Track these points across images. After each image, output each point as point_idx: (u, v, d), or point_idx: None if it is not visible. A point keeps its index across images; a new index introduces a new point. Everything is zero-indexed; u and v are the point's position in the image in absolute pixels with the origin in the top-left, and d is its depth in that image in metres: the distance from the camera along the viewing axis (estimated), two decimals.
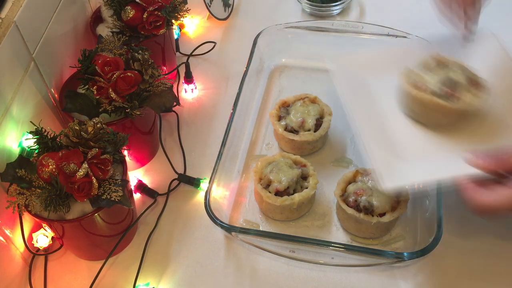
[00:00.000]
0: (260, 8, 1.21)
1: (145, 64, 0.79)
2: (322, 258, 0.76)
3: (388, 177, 0.68)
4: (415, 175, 0.71)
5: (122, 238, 0.76)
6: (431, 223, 0.72)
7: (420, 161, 0.72)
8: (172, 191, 0.87)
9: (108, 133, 0.70)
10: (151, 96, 0.81)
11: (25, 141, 0.73)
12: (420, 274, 0.75)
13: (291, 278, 0.76)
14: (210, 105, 1.01)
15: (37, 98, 0.80)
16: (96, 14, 0.96)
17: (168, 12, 0.90)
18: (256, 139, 0.93)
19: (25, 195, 0.66)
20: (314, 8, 1.15)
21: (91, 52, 0.77)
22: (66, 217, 0.67)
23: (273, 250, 0.76)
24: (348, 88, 0.83)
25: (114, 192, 0.67)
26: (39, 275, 0.77)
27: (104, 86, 0.75)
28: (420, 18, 1.13)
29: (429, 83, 0.74)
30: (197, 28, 1.16)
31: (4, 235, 0.72)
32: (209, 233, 0.81)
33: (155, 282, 0.76)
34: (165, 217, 0.84)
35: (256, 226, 0.81)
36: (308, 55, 1.04)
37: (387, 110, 0.81)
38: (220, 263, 0.78)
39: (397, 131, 0.78)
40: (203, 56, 1.09)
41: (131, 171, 0.90)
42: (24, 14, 0.74)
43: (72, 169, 0.65)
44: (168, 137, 0.95)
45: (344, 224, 0.79)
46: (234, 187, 0.85)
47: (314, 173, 0.80)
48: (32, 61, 0.78)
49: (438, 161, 0.71)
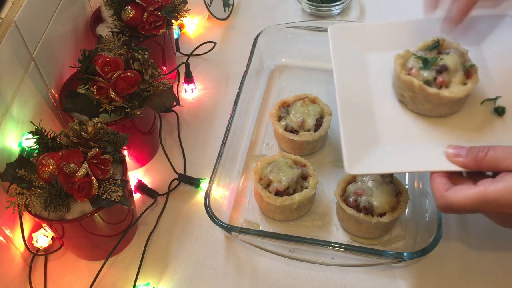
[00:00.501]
0: (260, 8, 1.21)
1: (145, 64, 0.79)
2: (322, 258, 0.76)
3: (356, 162, 0.65)
4: (387, 163, 0.66)
5: (122, 238, 0.76)
6: (431, 223, 0.72)
7: (397, 148, 0.68)
8: (172, 191, 0.87)
9: (108, 133, 0.70)
10: (151, 96, 0.81)
11: (25, 141, 0.73)
12: (420, 274, 0.75)
13: (291, 278, 0.76)
14: (210, 105, 1.01)
15: (37, 98, 0.80)
16: (96, 14, 0.96)
17: (168, 12, 0.90)
18: (256, 139, 0.93)
19: (25, 195, 0.66)
20: (314, 8, 1.15)
21: (91, 52, 0.77)
22: (66, 217, 0.67)
23: (273, 250, 0.76)
24: (342, 57, 0.76)
25: (114, 192, 0.67)
26: (39, 275, 0.77)
27: (104, 86, 0.75)
28: None
29: (422, 69, 0.70)
30: (197, 28, 1.16)
31: (4, 235, 0.72)
32: (209, 233, 0.81)
33: (155, 282, 0.76)
34: (165, 217, 0.84)
35: (256, 226, 0.81)
36: (308, 55, 1.04)
37: (377, 89, 0.75)
38: (220, 263, 0.78)
39: (382, 113, 0.72)
40: (203, 56, 1.09)
41: (131, 171, 0.90)
42: (24, 14, 0.74)
43: (72, 169, 0.65)
44: (168, 137, 0.95)
45: (344, 224, 0.79)
46: (234, 187, 0.85)
47: (314, 173, 0.80)
48: (32, 61, 0.78)
49: (416, 152, 0.67)
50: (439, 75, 0.69)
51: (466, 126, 0.70)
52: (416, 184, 0.83)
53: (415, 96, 0.70)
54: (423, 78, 0.69)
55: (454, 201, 0.59)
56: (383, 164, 0.66)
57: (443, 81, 0.68)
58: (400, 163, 0.67)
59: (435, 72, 0.69)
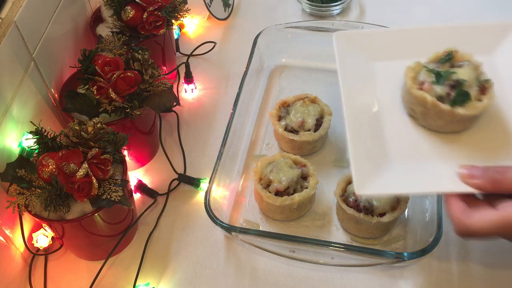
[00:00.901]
0: (260, 8, 1.21)
1: (145, 64, 0.79)
2: (322, 258, 0.76)
3: (365, 183, 0.62)
4: (397, 184, 0.63)
5: (122, 238, 0.76)
6: (431, 223, 0.72)
7: (408, 167, 0.65)
8: (172, 191, 0.87)
9: (108, 133, 0.70)
10: (151, 96, 0.81)
11: (25, 141, 0.73)
12: (420, 274, 0.75)
13: (291, 278, 0.76)
14: (210, 105, 1.01)
15: (37, 98, 0.80)
16: (96, 14, 0.96)
17: (168, 12, 0.90)
18: (256, 139, 0.93)
19: (25, 195, 0.66)
20: (314, 8, 1.15)
21: (91, 52, 0.77)
22: (66, 217, 0.67)
23: (273, 250, 0.76)
24: (348, 67, 0.71)
25: (114, 192, 0.67)
26: (39, 275, 0.77)
27: (104, 86, 0.75)
28: (420, 18, 1.14)
29: (434, 83, 0.65)
30: (197, 28, 1.16)
31: (4, 235, 0.72)
32: (209, 233, 0.81)
33: (155, 282, 0.76)
34: (165, 217, 0.84)
35: (256, 226, 0.81)
36: (308, 55, 1.04)
37: (385, 103, 0.71)
38: (220, 263, 0.78)
39: (391, 129, 0.69)
40: (203, 56, 1.09)
41: (131, 171, 0.90)
42: (24, 14, 0.74)
43: (72, 169, 0.65)
44: (168, 137, 0.95)
45: (344, 224, 0.79)
46: (234, 187, 0.85)
47: (314, 173, 0.80)
48: (32, 61, 0.78)
49: (427, 171, 0.64)
50: (453, 90, 0.64)
51: (480, 144, 0.66)
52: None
53: (427, 112, 0.66)
54: (435, 94, 0.65)
55: (475, 227, 0.56)
56: (394, 185, 0.63)
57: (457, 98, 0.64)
58: (411, 185, 0.64)
59: (448, 87, 0.64)
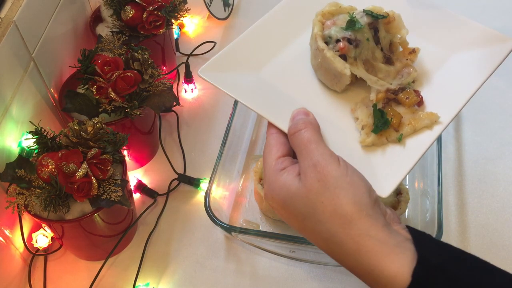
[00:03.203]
0: (260, 8, 1.20)
1: (145, 64, 0.79)
2: (322, 258, 0.76)
3: None
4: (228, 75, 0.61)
5: (122, 238, 0.76)
6: (431, 223, 0.72)
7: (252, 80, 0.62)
8: (172, 191, 0.87)
9: (107, 133, 0.70)
10: (151, 96, 0.80)
11: (25, 141, 0.73)
12: None
13: (291, 278, 0.76)
14: (210, 105, 1.00)
15: (37, 98, 0.79)
16: (95, 14, 0.96)
17: (168, 11, 0.90)
18: (256, 139, 0.93)
19: (24, 195, 0.66)
20: None
21: (91, 52, 0.77)
22: (66, 217, 0.67)
23: (273, 250, 0.76)
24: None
25: (113, 192, 0.66)
26: (38, 275, 0.77)
27: (104, 86, 0.75)
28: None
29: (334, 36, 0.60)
30: (197, 28, 1.16)
31: (3, 235, 0.72)
32: (209, 233, 0.81)
33: (155, 282, 0.76)
34: (165, 217, 0.84)
35: (256, 226, 0.81)
36: None
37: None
38: (220, 263, 0.78)
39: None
40: (203, 56, 1.09)
41: (131, 171, 0.90)
42: (24, 14, 0.74)
43: (72, 169, 0.64)
44: (168, 137, 0.95)
45: None
46: (234, 187, 0.85)
47: None
48: (32, 61, 0.77)
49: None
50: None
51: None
52: (416, 184, 0.83)
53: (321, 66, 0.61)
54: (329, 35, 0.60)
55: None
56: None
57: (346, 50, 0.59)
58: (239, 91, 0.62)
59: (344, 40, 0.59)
